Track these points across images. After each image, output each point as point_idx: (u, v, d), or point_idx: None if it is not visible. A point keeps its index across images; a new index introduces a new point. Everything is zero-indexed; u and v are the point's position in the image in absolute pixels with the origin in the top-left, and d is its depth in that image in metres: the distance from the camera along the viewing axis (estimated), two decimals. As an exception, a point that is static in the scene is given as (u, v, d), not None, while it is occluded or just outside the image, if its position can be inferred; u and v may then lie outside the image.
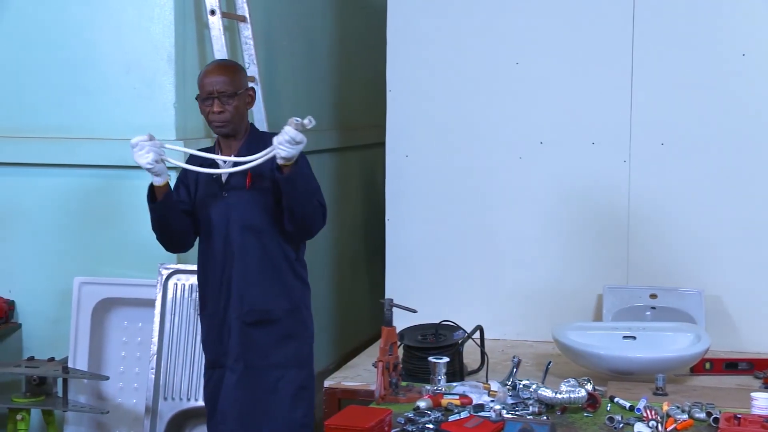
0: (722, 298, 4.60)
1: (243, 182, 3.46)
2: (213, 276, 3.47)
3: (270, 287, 3.48)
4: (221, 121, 3.44)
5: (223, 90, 3.41)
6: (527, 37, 4.76)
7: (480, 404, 2.98)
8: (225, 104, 3.41)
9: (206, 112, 3.44)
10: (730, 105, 4.59)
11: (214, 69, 3.48)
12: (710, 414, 2.87)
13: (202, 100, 3.43)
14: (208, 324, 3.50)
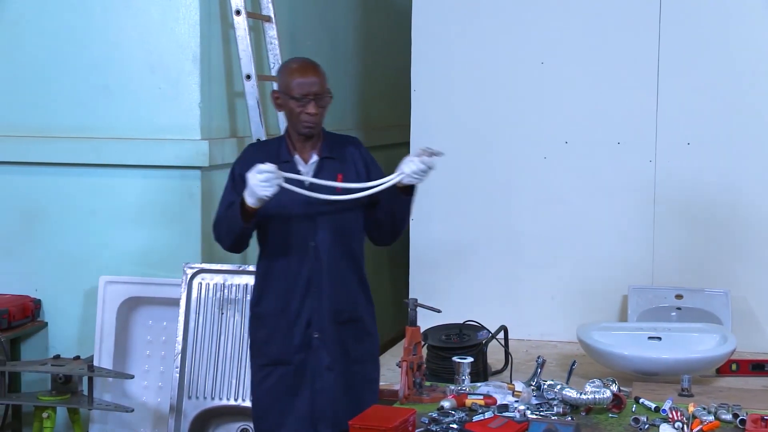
0: (748, 299, 4.57)
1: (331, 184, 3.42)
2: (291, 275, 3.40)
3: (355, 286, 3.49)
4: (314, 122, 3.39)
5: (319, 91, 3.37)
6: (552, 37, 4.74)
7: (504, 404, 2.97)
8: (320, 105, 3.38)
9: (297, 111, 3.37)
10: (757, 105, 4.56)
11: (310, 69, 3.42)
12: (737, 415, 2.84)
13: (297, 99, 3.36)
14: (275, 322, 3.42)
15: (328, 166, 3.43)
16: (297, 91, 3.35)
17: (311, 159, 3.44)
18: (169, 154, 4.01)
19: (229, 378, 3.82)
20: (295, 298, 3.39)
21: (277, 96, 3.43)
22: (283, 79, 3.41)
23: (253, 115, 4.12)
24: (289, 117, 3.43)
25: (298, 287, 3.39)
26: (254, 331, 3.46)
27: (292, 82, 3.37)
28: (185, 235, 4.06)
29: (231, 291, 3.89)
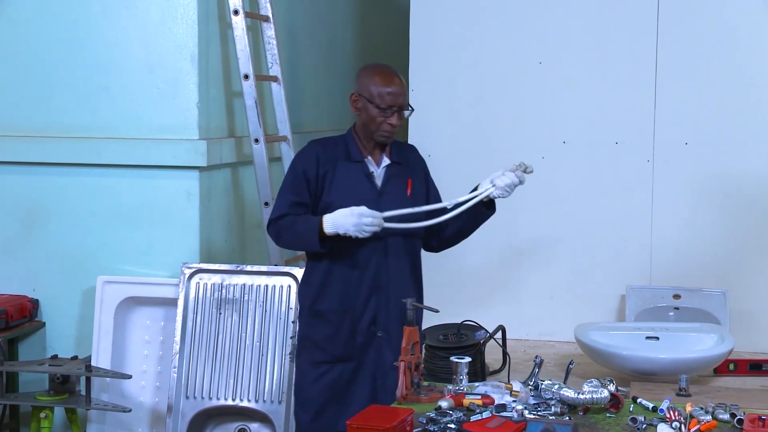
0: (746, 299, 4.58)
1: (401, 188, 3.46)
2: (357, 272, 3.41)
3: (412, 286, 3.53)
4: (393, 133, 3.43)
5: (404, 104, 3.42)
6: (550, 37, 4.75)
7: (502, 404, 2.96)
8: (401, 117, 3.42)
9: (379, 120, 3.39)
10: (754, 105, 4.56)
11: (398, 80, 3.44)
12: (734, 415, 2.84)
13: (381, 108, 3.38)
14: (338, 319, 3.42)
15: (398, 171, 3.48)
16: (383, 102, 3.38)
17: (382, 162, 3.47)
18: (167, 154, 4.01)
19: (227, 378, 3.82)
20: (361, 295, 3.42)
21: (357, 99, 3.45)
22: (367, 85, 3.42)
23: (251, 115, 4.12)
24: (366, 122, 3.44)
25: (364, 285, 3.41)
26: (312, 328, 3.45)
27: (378, 91, 3.39)
28: (183, 235, 4.06)
29: (229, 291, 3.89)
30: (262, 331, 3.83)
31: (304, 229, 3.34)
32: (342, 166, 3.44)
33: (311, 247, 3.36)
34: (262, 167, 4.13)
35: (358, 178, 3.44)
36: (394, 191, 3.45)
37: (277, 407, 3.74)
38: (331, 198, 3.40)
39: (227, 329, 3.89)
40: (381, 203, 3.38)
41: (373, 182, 3.45)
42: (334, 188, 3.42)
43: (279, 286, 3.86)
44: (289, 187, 3.44)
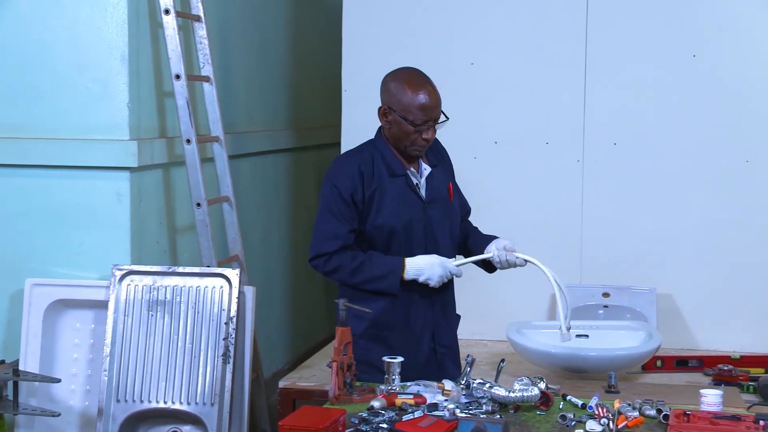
0: (674, 297, 4.67)
1: (444, 194, 3.41)
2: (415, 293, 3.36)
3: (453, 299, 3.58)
4: (425, 147, 3.33)
5: (438, 116, 3.28)
6: (482, 38, 4.79)
7: (434, 404, 2.99)
8: (436, 130, 3.31)
9: (413, 137, 3.26)
10: (681, 105, 4.65)
11: (432, 90, 3.29)
12: (660, 411, 2.90)
13: (415, 124, 3.25)
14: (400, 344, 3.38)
15: (437, 177, 3.42)
16: (417, 117, 3.22)
17: (422, 170, 3.38)
18: (97, 154, 3.96)
19: (159, 380, 3.78)
20: (420, 314, 3.38)
21: (387, 112, 3.29)
22: (399, 98, 3.25)
23: (182, 115, 4.09)
24: (398, 137, 3.30)
25: (422, 302, 3.37)
26: (369, 353, 3.35)
27: (411, 106, 3.22)
28: (114, 236, 4.01)
29: (160, 293, 3.85)
30: (194, 333, 3.80)
31: (382, 273, 3.27)
32: (387, 182, 3.32)
33: (388, 290, 3.30)
34: (194, 168, 4.10)
35: (405, 193, 3.35)
36: (438, 200, 3.38)
37: (210, 409, 3.71)
38: (382, 219, 3.31)
39: (159, 331, 3.85)
40: (428, 215, 3.33)
41: (419, 194, 3.37)
42: (384, 208, 3.31)
43: (212, 287, 3.83)
44: (339, 213, 3.30)
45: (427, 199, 3.38)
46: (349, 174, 3.32)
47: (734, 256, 4.65)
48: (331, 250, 3.34)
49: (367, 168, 3.32)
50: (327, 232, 3.35)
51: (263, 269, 5.21)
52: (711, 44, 4.63)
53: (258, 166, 5.22)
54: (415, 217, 3.31)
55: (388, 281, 3.29)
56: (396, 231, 3.32)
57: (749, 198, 4.63)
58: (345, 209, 3.30)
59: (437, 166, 3.45)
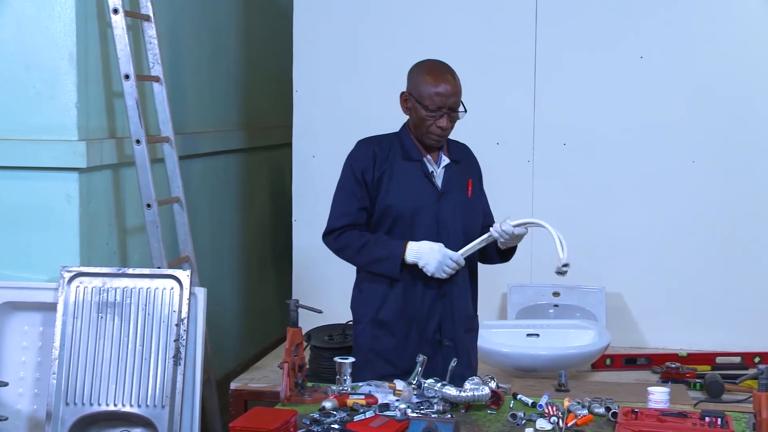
0: (623, 296, 4.72)
1: (462, 189, 3.36)
2: (421, 284, 3.32)
3: (473, 295, 3.49)
4: (443, 136, 3.29)
5: (454, 105, 3.25)
6: (432, 39, 4.81)
7: (385, 404, 3.00)
8: (452, 119, 3.27)
9: (428, 122, 3.25)
10: (629, 106, 4.71)
11: (450, 79, 3.28)
12: (609, 409, 2.93)
13: (429, 110, 3.24)
14: (404, 332, 3.34)
15: (456, 171, 3.37)
16: (432, 103, 3.22)
17: (441, 161, 3.35)
18: (45, 155, 3.92)
19: (108, 383, 3.75)
20: (425, 303, 3.33)
21: (407, 98, 3.30)
22: (417, 84, 3.27)
23: (132, 116, 4.05)
24: (416, 123, 3.30)
25: (429, 293, 3.32)
26: (377, 341, 3.35)
27: (426, 91, 3.23)
28: (63, 237, 3.97)
29: (110, 294, 3.82)
30: (144, 335, 3.78)
31: (384, 255, 3.26)
32: (400, 165, 3.32)
33: (389, 272, 3.28)
34: (144, 168, 4.07)
35: (418, 178, 3.32)
36: (454, 192, 3.34)
37: (161, 411, 3.69)
38: (390, 200, 3.30)
39: (109, 333, 3.82)
40: (441, 205, 3.29)
41: (434, 182, 3.34)
42: (393, 189, 3.31)
43: (162, 289, 3.80)
44: (350, 191, 3.32)
45: (442, 189, 3.34)
46: (363, 154, 3.36)
47: (681, 256, 4.71)
48: (339, 226, 3.34)
49: (383, 150, 3.34)
50: (338, 209, 3.37)
51: (214, 270, 5.19)
52: (658, 46, 4.69)
53: (209, 166, 5.19)
54: (426, 205, 3.28)
55: (389, 263, 3.27)
56: (402, 215, 3.29)
57: (696, 198, 4.70)
58: (356, 188, 3.33)
59: (460, 162, 3.41)
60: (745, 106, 4.65)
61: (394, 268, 3.28)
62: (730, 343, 4.62)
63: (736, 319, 4.68)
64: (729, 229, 4.67)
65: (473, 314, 3.51)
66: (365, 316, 3.42)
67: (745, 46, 4.64)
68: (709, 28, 4.65)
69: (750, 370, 4.29)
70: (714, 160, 4.68)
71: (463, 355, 3.37)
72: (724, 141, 4.67)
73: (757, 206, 4.66)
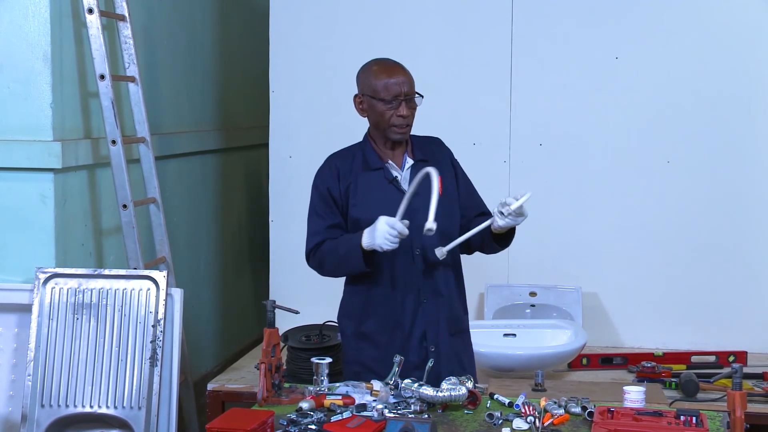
0: (599, 295, 4.74)
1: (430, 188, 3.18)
2: (399, 286, 3.25)
3: (457, 295, 3.36)
4: (406, 125, 3.23)
5: (410, 92, 3.21)
6: (408, 40, 4.82)
7: (362, 404, 2.99)
8: (411, 107, 3.22)
9: (388, 115, 3.20)
10: (605, 107, 4.73)
11: (399, 68, 3.25)
12: (585, 408, 2.94)
13: (386, 101, 3.20)
14: (387, 339, 3.29)
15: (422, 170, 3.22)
16: (386, 93, 3.19)
17: (405, 163, 3.29)
18: (19, 155, 3.89)
19: (84, 384, 3.73)
20: (407, 311, 3.25)
21: (361, 100, 3.26)
22: (368, 81, 3.24)
23: (107, 116, 4.04)
24: (377, 122, 3.25)
25: (409, 300, 3.25)
26: (361, 352, 3.31)
27: (379, 84, 3.20)
28: (38, 238, 3.94)
29: (86, 295, 3.80)
30: (121, 336, 3.76)
31: (345, 251, 3.18)
32: (363, 176, 3.28)
33: (356, 268, 3.19)
34: (120, 169, 4.05)
35: (381, 186, 3.27)
36: (423, 192, 3.19)
37: (137, 413, 3.67)
38: (357, 213, 3.25)
39: (85, 335, 3.80)
40: (411, 205, 3.17)
41: (399, 187, 3.27)
42: (358, 202, 3.27)
43: (138, 289, 3.79)
44: (318, 210, 3.28)
45: None
46: (326, 171, 3.32)
47: (657, 256, 4.74)
48: (311, 246, 3.31)
49: (345, 164, 3.30)
50: (310, 230, 3.33)
51: (191, 271, 5.17)
52: (633, 47, 4.71)
53: (185, 167, 5.17)
54: (393, 213, 3.16)
55: (353, 258, 3.17)
56: (371, 225, 3.19)
57: (670, 198, 4.73)
58: (323, 206, 3.29)
59: (428, 160, 3.31)
60: (720, 106, 4.68)
61: (359, 261, 3.18)
62: (705, 343, 4.66)
63: (711, 319, 4.71)
64: (704, 229, 4.70)
65: (461, 316, 3.42)
66: (348, 329, 3.39)
67: (720, 47, 4.67)
68: (684, 30, 4.68)
69: (724, 369, 4.32)
70: (689, 160, 4.71)
71: (453, 359, 3.32)
72: (699, 142, 4.70)
73: (732, 206, 4.70)
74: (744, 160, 4.68)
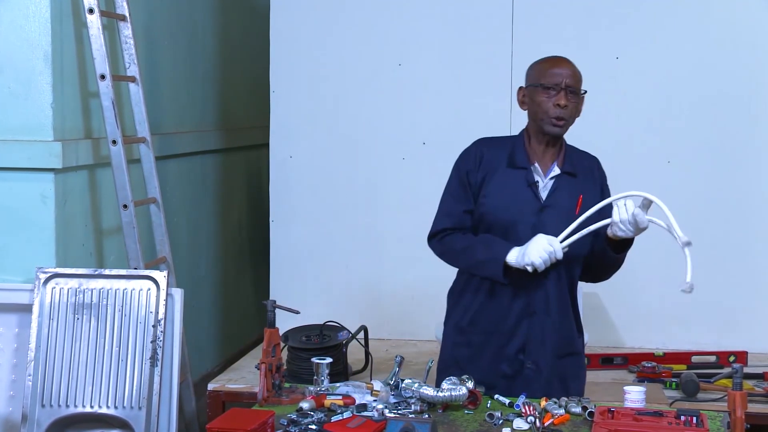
0: (599, 295, 4.73)
1: (570, 203, 3.07)
2: (509, 295, 3.12)
3: (572, 316, 3.20)
4: (564, 117, 3.05)
5: (572, 84, 3.07)
6: (410, 39, 4.82)
7: (363, 404, 2.99)
8: (570, 100, 3.06)
9: (546, 105, 3.04)
10: (605, 107, 4.73)
11: (565, 61, 3.13)
12: (585, 408, 2.94)
13: (547, 88, 3.05)
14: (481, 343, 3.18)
15: (569, 184, 3.11)
16: (548, 79, 3.06)
17: (551, 171, 3.12)
18: (20, 155, 3.90)
19: (85, 384, 3.73)
20: (510, 317, 3.13)
21: (524, 93, 3.14)
22: (532, 71, 3.15)
23: (108, 116, 4.04)
24: (534, 114, 3.10)
25: (516, 306, 3.12)
26: (458, 349, 3.23)
27: (544, 71, 3.09)
28: (38, 238, 3.95)
29: (86, 295, 3.80)
30: (121, 336, 3.76)
31: (485, 258, 3.03)
32: (503, 171, 3.11)
33: (493, 277, 3.05)
34: (120, 169, 4.05)
35: (520, 187, 3.09)
36: (559, 206, 3.06)
37: (137, 413, 3.67)
38: (486, 207, 3.10)
39: (85, 335, 3.80)
40: (543, 219, 3.05)
41: (537, 193, 3.09)
42: (489, 196, 3.10)
43: (139, 290, 3.79)
44: (455, 192, 3.14)
45: (546, 201, 3.09)
46: (471, 154, 3.17)
47: (657, 255, 4.73)
48: (441, 228, 3.18)
49: (491, 152, 3.14)
50: (442, 210, 3.19)
51: (191, 271, 5.17)
52: (633, 47, 4.71)
53: (185, 167, 5.18)
54: (523, 217, 3.06)
55: (491, 267, 3.02)
56: (496, 225, 3.08)
57: (670, 198, 4.69)
58: (461, 189, 3.15)
59: (576, 175, 3.14)
60: (720, 106, 4.68)
61: (498, 271, 3.02)
62: (705, 343, 4.66)
63: (711, 319, 4.71)
64: (704, 229, 4.70)
65: (574, 337, 3.22)
66: (450, 320, 3.28)
67: (720, 47, 4.67)
68: (684, 30, 4.68)
69: (725, 369, 4.33)
70: (689, 160, 4.71)
71: (554, 382, 3.14)
72: (699, 142, 4.70)
73: (732, 206, 4.70)
74: (744, 159, 4.68)
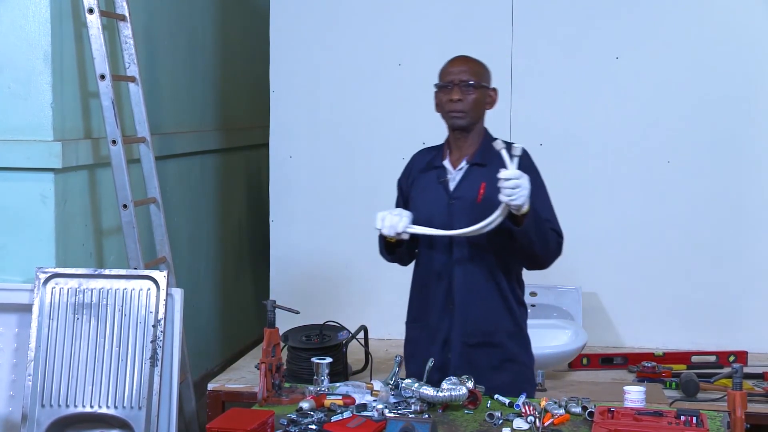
0: (599, 295, 4.74)
1: (473, 193, 3.17)
2: (433, 289, 3.24)
3: (494, 307, 3.23)
4: (458, 110, 3.19)
5: (465, 79, 3.21)
6: (409, 39, 4.82)
7: (363, 404, 3.00)
8: (465, 93, 3.20)
9: (444, 101, 3.22)
10: (605, 107, 4.73)
11: (460, 59, 3.31)
12: (585, 408, 2.95)
13: (440, 87, 3.24)
14: (418, 336, 3.29)
15: (476, 175, 3.21)
16: (443, 80, 3.23)
17: (460, 165, 3.25)
18: (19, 155, 3.90)
19: (85, 384, 3.73)
20: (434, 315, 3.24)
21: (435, 98, 3.29)
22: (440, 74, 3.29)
23: (108, 116, 4.04)
24: (441, 113, 3.28)
25: (437, 304, 3.24)
26: (405, 345, 3.38)
27: (441, 73, 3.27)
28: (38, 238, 3.95)
29: (86, 295, 3.80)
30: (121, 336, 3.76)
31: (379, 240, 3.31)
32: (423, 174, 3.30)
33: (383, 252, 3.33)
34: (120, 169, 4.05)
35: (433, 186, 3.26)
36: (464, 197, 3.19)
37: (137, 413, 3.67)
38: (411, 211, 3.22)
39: (85, 335, 3.80)
40: (452, 211, 3.18)
41: (447, 188, 3.24)
42: (412, 199, 3.31)
43: (138, 289, 3.79)
44: (396, 202, 3.39)
45: (453, 194, 3.23)
46: (406, 167, 3.41)
47: (657, 255, 4.74)
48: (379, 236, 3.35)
49: (417, 161, 3.37)
50: None
51: (191, 271, 5.17)
52: (633, 47, 4.71)
53: (185, 167, 5.17)
54: (436, 213, 3.19)
55: (379, 243, 3.33)
56: (418, 223, 3.17)
57: (670, 198, 4.73)
58: (397, 200, 3.40)
59: (486, 165, 3.20)
60: (720, 106, 4.68)
61: (381, 247, 3.33)
62: (705, 343, 4.65)
63: (711, 319, 4.71)
64: (704, 229, 4.70)
65: (489, 330, 3.23)
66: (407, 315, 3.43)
67: (720, 47, 4.67)
68: (684, 30, 4.68)
69: (725, 369, 4.32)
70: (689, 160, 4.71)
71: (468, 371, 3.14)
72: (699, 141, 4.70)
73: (732, 206, 4.70)
74: (744, 160, 4.68)
